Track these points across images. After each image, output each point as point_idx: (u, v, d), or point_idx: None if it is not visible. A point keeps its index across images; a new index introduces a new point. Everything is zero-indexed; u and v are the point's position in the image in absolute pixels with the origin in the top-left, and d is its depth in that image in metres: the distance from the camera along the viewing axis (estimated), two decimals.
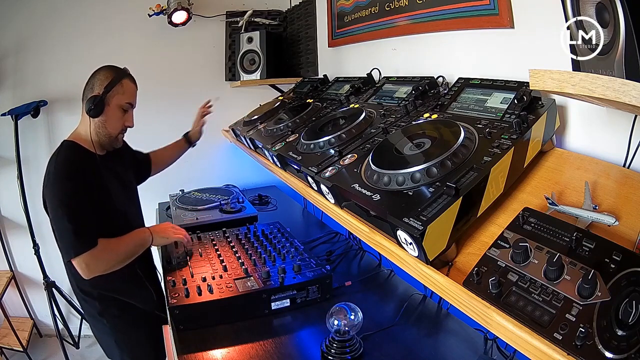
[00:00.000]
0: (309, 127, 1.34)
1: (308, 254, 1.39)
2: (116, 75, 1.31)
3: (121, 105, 1.32)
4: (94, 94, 1.28)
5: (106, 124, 1.31)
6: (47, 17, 2.20)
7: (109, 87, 1.28)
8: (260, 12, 2.52)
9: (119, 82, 1.31)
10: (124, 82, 1.33)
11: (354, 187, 0.88)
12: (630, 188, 0.75)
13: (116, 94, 1.30)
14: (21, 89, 2.23)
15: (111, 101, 1.30)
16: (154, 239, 1.34)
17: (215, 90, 2.57)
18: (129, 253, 1.28)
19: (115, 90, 1.30)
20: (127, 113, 1.36)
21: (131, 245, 1.30)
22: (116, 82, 1.30)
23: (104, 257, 1.22)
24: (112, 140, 1.36)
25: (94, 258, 1.18)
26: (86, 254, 1.17)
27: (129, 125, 1.38)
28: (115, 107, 1.31)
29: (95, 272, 1.20)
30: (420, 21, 1.36)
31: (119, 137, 1.38)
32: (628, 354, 0.48)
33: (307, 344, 1.11)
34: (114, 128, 1.34)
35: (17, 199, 2.19)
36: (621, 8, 0.59)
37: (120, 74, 1.33)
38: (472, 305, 0.64)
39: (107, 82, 1.29)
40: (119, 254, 1.26)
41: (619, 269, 0.57)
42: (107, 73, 1.31)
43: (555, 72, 0.64)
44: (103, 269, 1.22)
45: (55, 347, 2.39)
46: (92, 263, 1.19)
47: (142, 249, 1.33)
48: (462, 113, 1.01)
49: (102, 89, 1.28)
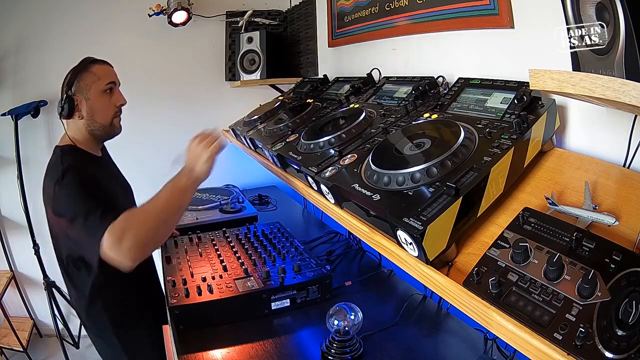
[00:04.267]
0: (309, 127, 1.34)
1: (308, 254, 1.39)
2: (76, 68, 1.25)
3: (102, 89, 1.26)
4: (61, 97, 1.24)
5: (95, 117, 1.26)
6: (47, 17, 2.20)
7: (71, 81, 1.23)
8: (260, 12, 2.52)
9: (86, 71, 1.24)
10: (93, 69, 1.26)
11: (354, 187, 0.88)
12: (630, 188, 0.75)
13: (92, 84, 1.24)
14: (21, 89, 2.23)
15: (89, 93, 1.24)
16: (193, 172, 1.10)
17: (215, 90, 2.58)
18: (167, 206, 1.06)
19: (86, 81, 1.24)
20: (113, 93, 1.29)
21: (163, 197, 1.06)
22: (79, 74, 1.24)
23: (137, 219, 1.01)
24: (108, 128, 1.30)
25: (126, 223, 0.99)
26: (116, 222, 0.99)
27: (121, 104, 1.31)
28: (97, 95, 1.25)
29: (132, 242, 0.98)
30: (420, 21, 1.36)
31: (114, 122, 1.31)
32: (628, 354, 0.48)
33: (307, 344, 1.10)
34: (105, 116, 1.28)
35: (17, 199, 2.19)
36: (621, 8, 0.59)
37: (81, 65, 1.26)
38: (472, 305, 0.64)
39: (67, 80, 1.24)
40: (155, 209, 1.04)
41: (619, 269, 0.57)
42: (67, 75, 1.26)
43: (555, 72, 0.64)
44: (142, 238, 1.00)
45: (55, 347, 2.40)
46: (127, 231, 0.98)
47: (184, 193, 1.09)
48: (462, 113, 1.01)
49: (65, 89, 1.23)
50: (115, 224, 0.99)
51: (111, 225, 0.99)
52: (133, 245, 0.99)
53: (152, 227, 1.03)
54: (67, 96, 1.23)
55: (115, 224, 0.99)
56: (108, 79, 1.28)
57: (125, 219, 1.01)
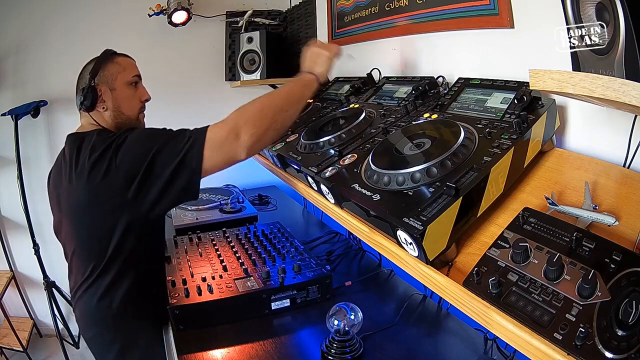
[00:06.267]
0: (309, 127, 1.34)
1: (308, 254, 1.39)
2: (101, 58, 1.19)
3: (128, 81, 1.21)
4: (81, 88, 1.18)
5: (121, 108, 1.20)
6: (47, 17, 2.20)
7: (95, 71, 1.17)
8: (260, 12, 2.52)
9: (110, 62, 1.19)
10: (118, 60, 1.22)
11: (354, 187, 0.88)
12: (630, 188, 0.75)
13: (117, 74, 1.19)
14: (21, 89, 2.23)
15: (115, 83, 1.19)
16: (313, 70, 1.10)
17: (215, 90, 2.58)
18: (289, 94, 1.04)
19: (111, 70, 1.19)
20: (138, 88, 1.24)
21: (284, 89, 1.04)
22: (103, 63, 1.18)
23: (252, 106, 0.98)
24: (135, 122, 1.25)
25: (238, 113, 0.96)
26: (225, 119, 0.94)
27: (146, 99, 1.26)
28: (122, 87, 1.20)
29: (250, 128, 0.94)
30: (420, 21, 1.36)
31: (140, 117, 1.26)
32: (628, 354, 0.48)
33: (307, 344, 1.11)
34: (132, 108, 1.23)
35: (17, 199, 2.19)
36: (621, 8, 0.59)
37: (104, 56, 1.21)
38: (472, 305, 0.64)
39: (89, 69, 1.17)
40: (273, 97, 1.02)
41: (619, 269, 0.57)
42: (89, 65, 1.20)
43: (555, 72, 0.64)
44: (259, 123, 0.96)
45: (55, 347, 2.40)
46: (241, 116, 0.94)
47: (304, 87, 1.09)
48: (462, 113, 1.01)
49: (88, 78, 1.16)
50: (224, 120, 0.94)
51: (217, 124, 0.94)
52: (250, 131, 0.94)
53: (269, 113, 1.00)
54: (90, 86, 1.16)
55: (224, 120, 0.94)
56: (134, 72, 1.25)
57: (236, 111, 0.95)
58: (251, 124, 0.98)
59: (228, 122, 0.98)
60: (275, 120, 1.02)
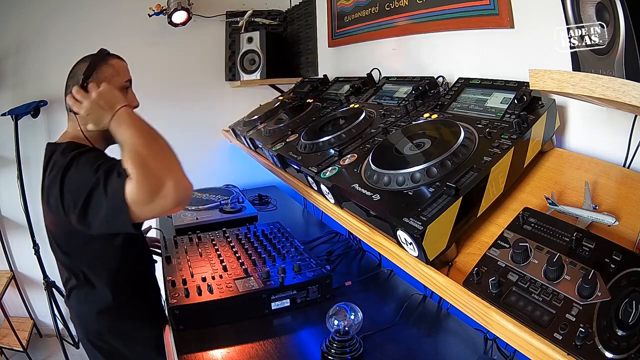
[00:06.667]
0: (309, 127, 1.34)
1: (308, 254, 1.39)
2: (95, 58, 1.13)
3: (121, 86, 1.16)
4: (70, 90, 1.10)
5: None
6: (47, 17, 2.20)
7: (90, 72, 1.10)
8: (260, 12, 2.52)
9: (105, 63, 1.14)
10: (113, 62, 1.16)
11: (354, 187, 0.88)
12: (630, 188, 0.75)
13: (111, 77, 1.13)
14: (21, 89, 2.23)
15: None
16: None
17: (215, 90, 2.58)
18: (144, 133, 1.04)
19: (105, 73, 1.13)
20: (128, 93, 1.19)
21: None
22: (97, 65, 1.12)
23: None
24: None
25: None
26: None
27: (136, 106, 1.19)
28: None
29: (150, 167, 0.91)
30: (420, 21, 1.36)
31: None
32: (628, 354, 0.48)
33: (307, 344, 1.10)
34: None
35: (17, 199, 2.19)
36: (621, 8, 0.59)
37: (99, 56, 1.15)
38: (472, 305, 0.64)
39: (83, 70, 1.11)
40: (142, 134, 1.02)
41: (619, 269, 0.57)
42: (83, 65, 1.13)
43: (555, 72, 0.64)
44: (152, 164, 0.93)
45: (55, 347, 2.40)
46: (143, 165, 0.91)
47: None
48: (462, 113, 1.01)
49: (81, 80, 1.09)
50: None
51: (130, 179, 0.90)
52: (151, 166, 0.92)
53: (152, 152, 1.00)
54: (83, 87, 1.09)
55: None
56: (127, 76, 1.21)
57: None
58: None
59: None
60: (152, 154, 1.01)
